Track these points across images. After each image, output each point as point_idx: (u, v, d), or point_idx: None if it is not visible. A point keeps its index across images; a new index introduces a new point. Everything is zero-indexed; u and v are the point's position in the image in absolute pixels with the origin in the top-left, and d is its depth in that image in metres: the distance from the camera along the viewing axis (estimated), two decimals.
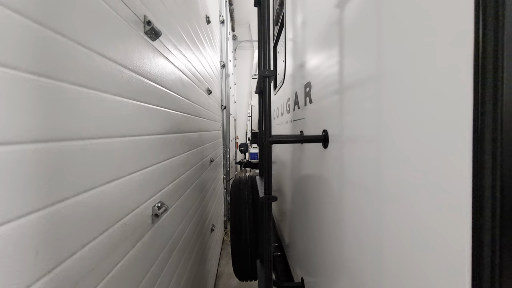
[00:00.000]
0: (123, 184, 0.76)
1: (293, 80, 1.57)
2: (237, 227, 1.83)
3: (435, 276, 0.41)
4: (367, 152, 0.66)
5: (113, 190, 0.70)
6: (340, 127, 0.85)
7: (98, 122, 0.63)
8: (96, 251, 0.62)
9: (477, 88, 0.34)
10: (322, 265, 1.02)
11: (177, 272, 1.33)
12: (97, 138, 0.62)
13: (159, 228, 1.08)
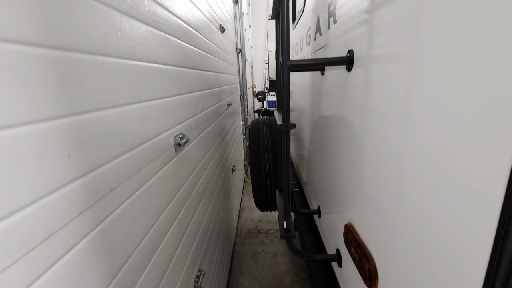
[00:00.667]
0: (142, 109, 0.77)
1: (315, 4, 1.37)
2: (257, 164, 1.91)
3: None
4: (397, 76, 0.58)
5: (132, 113, 0.72)
6: (368, 46, 0.75)
7: (106, 39, 0.60)
8: (126, 164, 0.67)
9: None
10: (338, 194, 1.05)
11: (202, 200, 1.47)
12: (105, 55, 0.60)
13: (183, 158, 1.15)
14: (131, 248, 0.69)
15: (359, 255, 0.79)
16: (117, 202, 0.63)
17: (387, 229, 0.66)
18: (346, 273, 1.01)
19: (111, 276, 0.60)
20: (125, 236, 0.66)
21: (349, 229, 0.89)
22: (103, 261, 0.57)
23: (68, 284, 0.47)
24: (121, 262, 0.64)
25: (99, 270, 0.56)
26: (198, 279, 1.26)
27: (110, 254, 0.59)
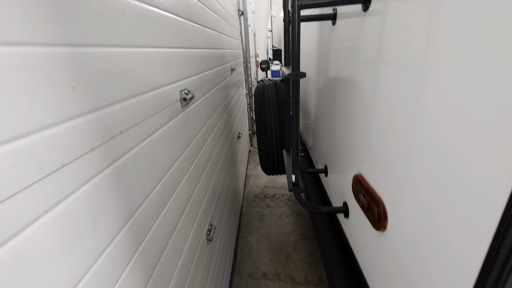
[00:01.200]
0: (145, 55, 0.73)
1: None
2: (263, 127, 1.89)
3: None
4: (417, 18, 0.52)
5: (135, 57, 0.68)
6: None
7: None
8: (133, 109, 0.65)
9: None
10: (348, 149, 1.04)
11: (210, 161, 1.48)
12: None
13: (189, 115, 1.13)
14: (144, 193, 0.70)
15: (368, 201, 0.80)
16: (128, 146, 0.63)
17: (396, 176, 0.66)
18: (353, 222, 1.04)
19: (127, 216, 0.62)
20: (138, 181, 0.67)
21: (358, 179, 0.90)
22: (119, 200, 0.58)
23: (88, 215, 0.48)
24: (136, 204, 0.66)
25: (116, 208, 0.57)
26: (209, 232, 1.33)
27: (125, 194, 0.60)
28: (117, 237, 0.57)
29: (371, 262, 0.86)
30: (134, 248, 0.64)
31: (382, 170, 0.75)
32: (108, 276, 0.53)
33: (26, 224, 0.36)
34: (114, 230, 0.56)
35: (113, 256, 0.55)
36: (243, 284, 1.95)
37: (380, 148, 0.75)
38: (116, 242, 0.56)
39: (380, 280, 0.80)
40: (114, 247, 0.55)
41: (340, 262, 1.16)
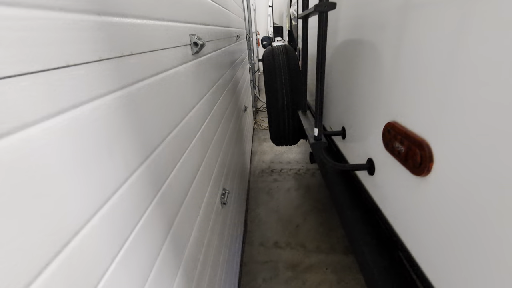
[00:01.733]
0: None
1: None
2: (273, 93, 1.79)
3: None
4: None
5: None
6: None
7: None
8: (144, 34, 0.56)
9: None
10: (373, 104, 0.96)
11: (221, 124, 1.40)
12: None
13: (201, 66, 1.02)
14: (160, 136, 0.62)
15: (407, 147, 0.73)
16: (140, 74, 0.53)
17: (443, 111, 0.58)
18: (380, 177, 0.97)
19: (145, 155, 0.54)
20: (153, 120, 0.59)
21: (392, 127, 0.81)
22: (135, 134, 0.50)
23: (102, 137, 0.40)
24: (153, 145, 0.58)
25: (133, 141, 0.49)
26: (223, 196, 1.27)
27: (141, 130, 0.52)
28: (135, 174, 0.49)
29: (405, 214, 0.80)
30: (154, 189, 0.57)
31: (425, 111, 0.66)
32: (130, 212, 0.47)
33: (27, 123, 0.27)
34: (131, 164, 0.48)
35: (132, 194, 0.48)
36: (255, 253, 1.94)
37: (421, 89, 0.66)
38: (135, 179, 0.49)
39: (416, 230, 0.74)
40: (132, 183, 0.48)
41: (362, 222, 1.11)
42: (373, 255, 0.95)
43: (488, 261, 0.49)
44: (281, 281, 1.72)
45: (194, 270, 0.82)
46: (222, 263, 1.23)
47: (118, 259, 0.42)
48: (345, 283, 1.67)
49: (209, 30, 1.24)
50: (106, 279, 0.39)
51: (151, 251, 0.55)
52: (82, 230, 0.35)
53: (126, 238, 0.45)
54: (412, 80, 0.72)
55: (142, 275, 0.50)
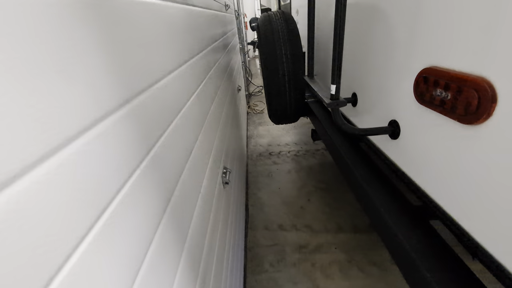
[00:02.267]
0: None
1: None
2: (272, 61, 1.61)
3: None
4: None
5: None
6: None
7: None
8: None
9: None
10: (377, 79, 0.82)
11: (216, 97, 1.23)
12: None
13: (193, 16, 0.85)
14: (147, 82, 0.46)
15: (455, 91, 0.59)
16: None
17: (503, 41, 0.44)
18: (407, 140, 0.84)
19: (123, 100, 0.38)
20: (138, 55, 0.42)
21: (430, 73, 0.67)
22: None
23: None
24: (135, 91, 0.42)
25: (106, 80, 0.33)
26: (225, 175, 1.13)
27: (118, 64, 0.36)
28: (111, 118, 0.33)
29: (447, 176, 0.68)
30: (142, 152, 0.41)
31: (482, 42, 0.52)
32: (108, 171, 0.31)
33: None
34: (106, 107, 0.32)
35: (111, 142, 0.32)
36: (260, 237, 1.83)
37: (473, 17, 0.52)
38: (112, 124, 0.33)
39: (463, 192, 0.62)
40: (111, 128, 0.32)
41: (384, 194, 0.99)
42: (401, 228, 0.83)
43: None
44: (289, 264, 1.62)
45: (200, 252, 0.69)
46: (228, 248, 1.10)
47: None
48: (356, 261, 1.59)
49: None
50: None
51: (144, 224, 0.40)
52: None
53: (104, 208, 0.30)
54: (457, 11, 0.57)
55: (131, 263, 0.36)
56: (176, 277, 0.50)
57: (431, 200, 0.75)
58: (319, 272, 1.55)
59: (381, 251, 1.63)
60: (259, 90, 5.14)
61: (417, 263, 0.71)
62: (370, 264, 1.56)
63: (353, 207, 2.01)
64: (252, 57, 9.35)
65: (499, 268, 0.55)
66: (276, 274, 1.56)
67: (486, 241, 0.58)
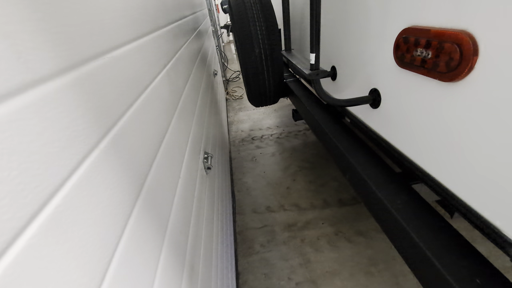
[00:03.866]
0: None
1: None
2: (247, 40, 1.53)
3: None
4: None
5: None
6: None
7: None
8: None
9: None
10: (355, 49, 0.79)
11: (190, 79, 1.14)
12: None
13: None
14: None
15: (436, 48, 0.58)
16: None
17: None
18: (387, 108, 0.84)
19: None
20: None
21: (410, 32, 0.65)
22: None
23: None
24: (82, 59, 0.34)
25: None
26: (206, 160, 1.07)
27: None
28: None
29: (428, 138, 0.68)
30: (97, 135, 0.35)
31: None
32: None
33: None
34: None
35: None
36: (248, 221, 1.83)
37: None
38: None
39: (443, 153, 0.63)
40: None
41: (370, 163, 1.00)
42: (386, 194, 0.84)
43: None
44: (279, 242, 1.64)
45: (185, 239, 0.64)
46: (216, 233, 1.07)
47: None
48: (342, 233, 1.64)
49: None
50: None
51: (109, 213, 0.34)
52: None
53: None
54: None
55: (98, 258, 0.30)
56: (159, 267, 0.46)
57: (414, 164, 0.76)
58: (309, 247, 1.59)
59: (366, 221, 1.69)
60: (236, 76, 5.00)
61: (403, 225, 0.72)
62: (357, 234, 1.62)
63: (337, 182, 2.06)
64: (227, 42, 9.03)
65: (480, 219, 0.57)
66: (267, 254, 1.58)
67: (468, 196, 0.60)
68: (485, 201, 0.55)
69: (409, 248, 0.71)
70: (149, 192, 0.48)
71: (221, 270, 1.07)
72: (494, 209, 0.53)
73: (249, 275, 1.47)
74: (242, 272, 1.50)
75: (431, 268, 0.64)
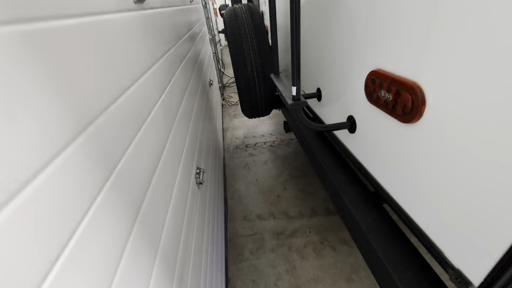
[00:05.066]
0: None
1: None
2: (240, 58, 1.62)
3: None
4: None
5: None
6: None
7: None
8: None
9: None
10: (352, 56, 0.89)
11: (186, 94, 1.22)
12: None
13: (149, 21, 0.83)
14: (100, 104, 0.47)
15: (395, 93, 0.67)
16: (51, 8, 0.36)
17: (433, 50, 0.51)
18: (362, 133, 0.93)
19: (83, 124, 0.39)
20: (91, 80, 0.43)
21: (377, 75, 0.75)
22: (56, 95, 0.34)
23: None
24: (91, 115, 0.42)
25: (53, 106, 0.34)
26: (198, 175, 1.15)
27: (68, 91, 0.37)
28: (70, 148, 0.35)
29: (391, 165, 0.78)
30: (104, 172, 0.43)
31: (414, 52, 0.60)
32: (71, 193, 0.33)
33: None
34: (61, 138, 0.34)
35: (71, 171, 0.34)
36: (239, 227, 1.91)
37: (406, 29, 0.60)
38: (73, 151, 0.35)
39: (403, 178, 0.72)
40: (69, 157, 0.34)
41: (345, 182, 1.09)
42: (359, 212, 0.94)
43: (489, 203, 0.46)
44: (268, 250, 1.72)
45: (175, 254, 0.72)
46: (206, 244, 1.15)
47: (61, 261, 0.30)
48: (328, 242, 1.73)
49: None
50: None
51: (115, 241, 0.42)
52: None
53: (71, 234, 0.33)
54: (396, 21, 0.64)
55: (106, 268, 0.39)
56: (150, 284, 0.54)
57: (380, 186, 0.85)
58: (295, 254, 1.67)
59: None
60: (233, 81, 5.08)
61: (371, 242, 0.81)
62: (341, 242, 1.72)
63: (324, 191, 2.15)
64: (224, 45, 9.09)
65: (429, 242, 0.66)
66: (256, 261, 1.66)
67: (419, 219, 0.69)
68: (431, 224, 0.64)
69: (375, 262, 0.81)
70: (143, 218, 0.56)
71: (211, 276, 1.15)
72: (439, 233, 0.62)
73: (238, 281, 1.55)
74: (232, 278, 1.58)
75: (392, 283, 0.73)
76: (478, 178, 0.48)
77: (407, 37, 0.62)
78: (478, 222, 0.51)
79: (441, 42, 0.52)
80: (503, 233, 0.46)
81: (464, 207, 0.53)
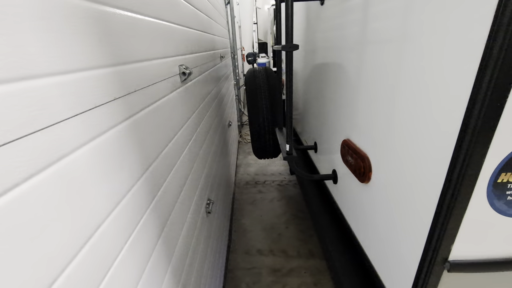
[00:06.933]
0: (148, 24, 0.78)
1: None
2: (255, 110, 1.97)
3: None
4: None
5: (141, 24, 0.73)
6: None
7: None
8: (143, 73, 0.71)
9: None
10: (335, 124, 1.16)
11: (207, 138, 1.54)
12: None
13: (188, 90, 1.18)
14: (156, 152, 0.76)
15: (355, 159, 0.91)
16: (141, 105, 0.68)
17: (378, 136, 0.77)
18: (340, 185, 1.15)
19: (145, 167, 0.68)
20: (151, 139, 0.73)
21: (346, 143, 1.00)
22: (138, 151, 0.64)
23: (116, 156, 0.54)
24: (151, 158, 0.72)
25: (137, 157, 0.63)
26: (208, 206, 1.40)
27: (142, 147, 0.66)
28: (138, 182, 0.63)
29: (356, 214, 0.98)
30: (150, 197, 0.70)
31: (366, 132, 0.85)
32: (132, 215, 0.60)
33: (72, 149, 0.41)
34: (136, 175, 0.62)
35: (135, 198, 0.61)
36: (240, 261, 2.04)
37: (364, 117, 0.87)
38: (138, 186, 0.62)
39: (364, 226, 0.91)
40: (136, 190, 0.61)
41: (331, 227, 1.27)
42: (339, 257, 1.10)
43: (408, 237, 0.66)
44: (264, 285, 1.82)
45: (182, 269, 0.94)
46: (207, 267, 1.34)
47: (123, 252, 0.55)
48: (321, 285, 1.80)
49: (196, 57, 1.42)
50: (115, 266, 0.52)
51: (147, 248, 0.67)
52: (101, 226, 0.48)
53: (129, 234, 0.58)
54: (361, 105, 0.91)
55: (139, 267, 0.63)
56: (163, 285, 0.76)
57: (351, 231, 1.04)
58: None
59: None
60: None
61: (344, 283, 0.97)
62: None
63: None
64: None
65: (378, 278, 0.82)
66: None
67: (375, 262, 0.86)
68: (381, 264, 0.82)
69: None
70: (165, 235, 0.81)
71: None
72: (388, 275, 0.79)
73: None
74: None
75: None
76: (399, 226, 0.69)
77: (364, 120, 0.88)
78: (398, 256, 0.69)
79: (382, 131, 0.76)
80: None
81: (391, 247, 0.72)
